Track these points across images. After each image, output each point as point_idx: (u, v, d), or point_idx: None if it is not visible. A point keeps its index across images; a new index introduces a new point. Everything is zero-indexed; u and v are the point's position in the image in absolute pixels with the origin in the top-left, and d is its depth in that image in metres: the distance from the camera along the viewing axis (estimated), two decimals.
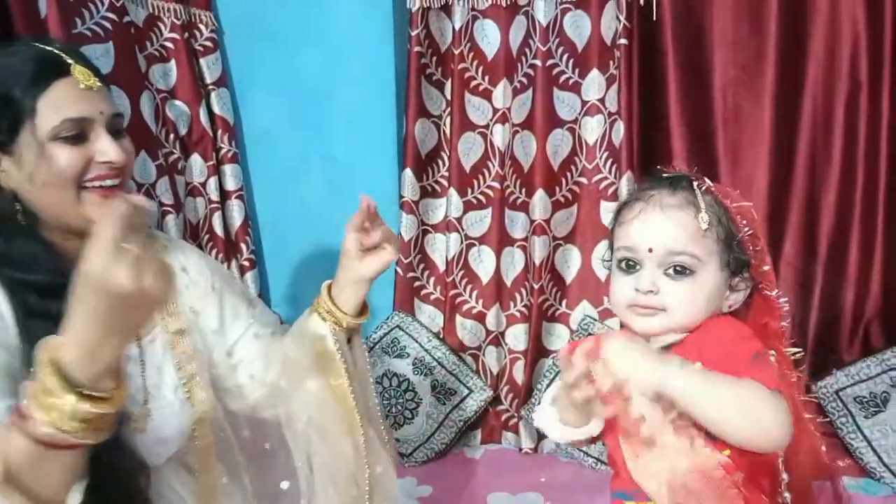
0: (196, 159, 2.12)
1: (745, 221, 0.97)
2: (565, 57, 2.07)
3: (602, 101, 2.07)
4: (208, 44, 2.13)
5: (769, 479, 0.97)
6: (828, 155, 2.01)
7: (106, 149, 1.03)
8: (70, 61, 1.02)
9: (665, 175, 1.01)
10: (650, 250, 0.95)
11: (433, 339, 2.18)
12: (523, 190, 2.14)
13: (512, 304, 2.19)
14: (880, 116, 1.95)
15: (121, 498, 0.97)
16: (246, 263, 2.22)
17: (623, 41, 1.98)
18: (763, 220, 2.01)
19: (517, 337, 2.18)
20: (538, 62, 2.05)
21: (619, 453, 0.97)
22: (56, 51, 1.03)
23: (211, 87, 2.14)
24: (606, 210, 2.08)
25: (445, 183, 2.21)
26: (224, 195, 2.19)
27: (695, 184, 0.97)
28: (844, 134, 1.98)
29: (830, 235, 2.02)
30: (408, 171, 2.17)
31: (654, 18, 2.00)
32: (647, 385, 0.87)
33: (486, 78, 2.14)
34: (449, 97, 2.17)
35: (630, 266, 0.97)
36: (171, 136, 2.06)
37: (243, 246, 2.22)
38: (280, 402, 1.23)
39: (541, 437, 2.15)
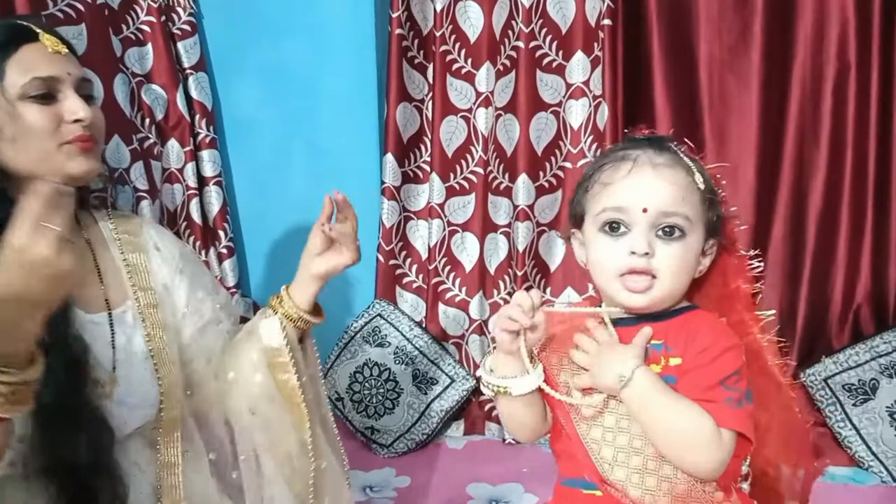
0: (173, 145, 2.07)
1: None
2: (549, 39, 2.04)
3: (586, 83, 2.03)
4: (186, 27, 2.08)
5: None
6: (816, 137, 1.97)
7: (74, 107, 1.06)
8: (38, 30, 1.07)
9: (647, 137, 0.97)
10: (644, 210, 0.89)
11: (415, 327, 2.14)
12: (507, 175, 2.10)
13: (496, 292, 2.15)
14: (869, 98, 1.91)
15: (90, 461, 1.00)
16: (224, 251, 2.16)
17: (607, 22, 1.94)
18: (750, 204, 1.98)
19: None
20: (521, 44, 2.01)
21: (572, 430, 0.92)
22: (26, 23, 1.08)
23: (189, 71, 2.09)
24: None
25: (427, 168, 2.18)
26: (202, 181, 2.14)
27: (674, 144, 0.95)
28: (833, 116, 1.94)
29: (819, 218, 1.98)
30: (389, 157, 2.13)
31: None
32: (610, 381, 0.88)
33: (469, 61, 2.10)
34: (431, 80, 2.14)
35: (615, 228, 0.91)
36: (147, 120, 2.01)
37: (221, 233, 2.16)
38: (228, 395, 1.24)
39: None
